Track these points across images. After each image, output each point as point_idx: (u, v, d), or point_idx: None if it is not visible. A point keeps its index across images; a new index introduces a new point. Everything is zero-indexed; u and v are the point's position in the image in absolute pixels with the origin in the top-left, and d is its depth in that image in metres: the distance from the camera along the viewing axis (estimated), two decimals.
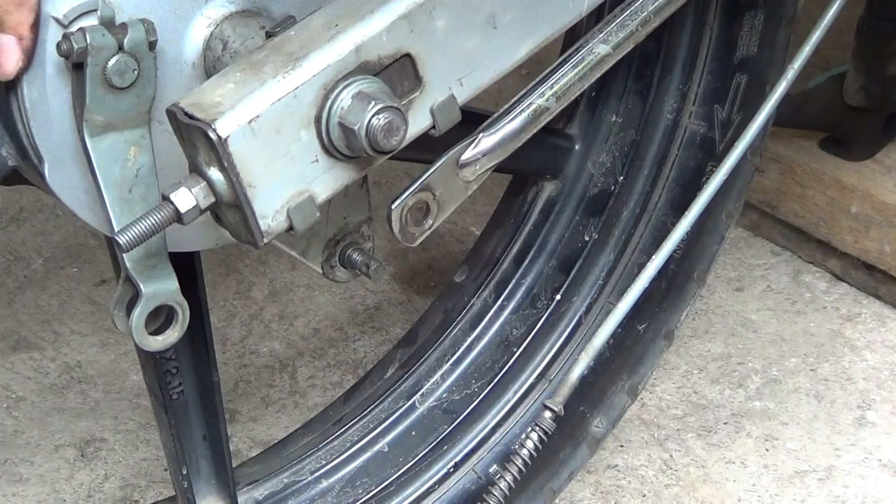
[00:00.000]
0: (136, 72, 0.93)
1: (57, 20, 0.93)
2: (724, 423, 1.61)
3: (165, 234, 0.98)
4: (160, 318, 1.01)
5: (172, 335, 1.01)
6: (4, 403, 1.67)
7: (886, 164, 1.79)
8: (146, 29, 0.93)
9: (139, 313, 0.99)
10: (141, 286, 0.98)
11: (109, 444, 1.61)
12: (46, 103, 0.95)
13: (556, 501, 1.40)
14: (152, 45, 0.93)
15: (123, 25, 0.92)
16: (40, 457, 1.59)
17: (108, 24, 0.92)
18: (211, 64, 0.98)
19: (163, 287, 0.99)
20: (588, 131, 1.42)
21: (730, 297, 1.81)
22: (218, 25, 0.98)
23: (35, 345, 1.76)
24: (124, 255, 0.97)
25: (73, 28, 0.92)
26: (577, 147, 1.42)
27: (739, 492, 1.52)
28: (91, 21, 0.93)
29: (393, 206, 1.01)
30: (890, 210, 1.73)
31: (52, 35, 0.93)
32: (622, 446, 1.58)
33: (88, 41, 0.91)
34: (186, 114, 0.89)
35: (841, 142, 1.81)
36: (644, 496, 1.52)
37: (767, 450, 1.57)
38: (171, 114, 0.90)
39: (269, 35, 0.95)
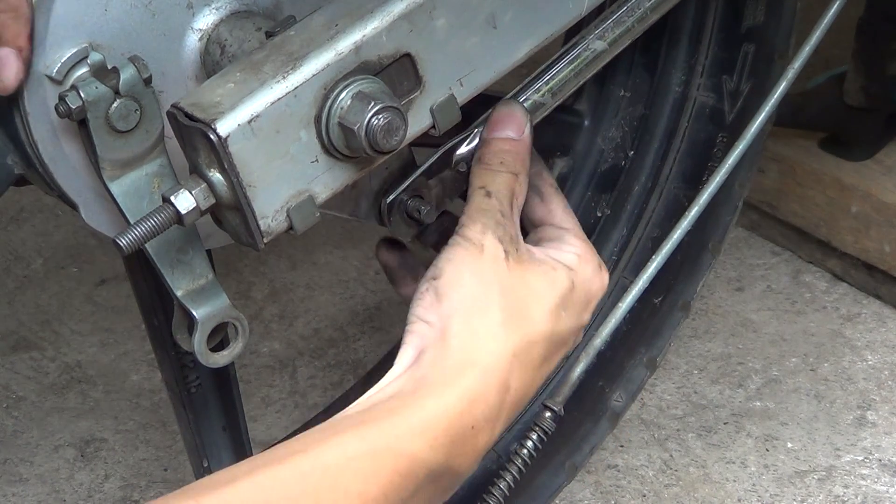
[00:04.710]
0: (138, 112, 0.93)
1: (51, 78, 0.92)
2: (724, 423, 1.61)
3: (206, 254, 0.99)
4: (221, 330, 1.01)
5: (236, 348, 1.02)
6: (4, 403, 1.67)
7: (886, 164, 1.79)
8: (138, 68, 0.92)
9: (199, 338, 0.99)
10: (194, 313, 0.98)
11: (109, 444, 1.61)
12: (65, 157, 0.96)
13: (557, 501, 1.40)
14: (148, 81, 0.93)
15: (115, 70, 0.92)
16: (40, 457, 1.59)
17: (100, 70, 0.92)
18: (210, 69, 0.98)
19: (215, 307, 0.99)
20: (597, 107, 1.40)
21: (730, 297, 1.81)
22: (213, 32, 0.98)
23: (35, 345, 1.76)
24: (171, 285, 0.98)
25: (69, 80, 0.92)
26: (586, 123, 1.41)
27: (739, 492, 1.52)
28: (84, 69, 0.92)
29: (387, 201, 1.01)
30: (890, 210, 1.73)
31: (51, 94, 0.92)
32: (622, 446, 1.58)
33: (83, 97, 0.90)
34: (186, 114, 0.89)
35: (841, 142, 1.81)
36: (644, 496, 1.52)
37: (767, 450, 1.57)
38: (171, 115, 0.90)
39: (268, 35, 0.95)
